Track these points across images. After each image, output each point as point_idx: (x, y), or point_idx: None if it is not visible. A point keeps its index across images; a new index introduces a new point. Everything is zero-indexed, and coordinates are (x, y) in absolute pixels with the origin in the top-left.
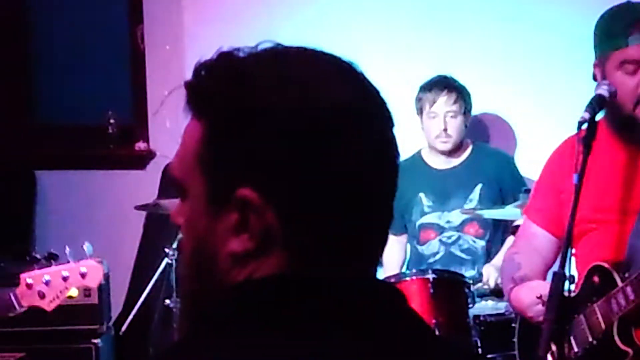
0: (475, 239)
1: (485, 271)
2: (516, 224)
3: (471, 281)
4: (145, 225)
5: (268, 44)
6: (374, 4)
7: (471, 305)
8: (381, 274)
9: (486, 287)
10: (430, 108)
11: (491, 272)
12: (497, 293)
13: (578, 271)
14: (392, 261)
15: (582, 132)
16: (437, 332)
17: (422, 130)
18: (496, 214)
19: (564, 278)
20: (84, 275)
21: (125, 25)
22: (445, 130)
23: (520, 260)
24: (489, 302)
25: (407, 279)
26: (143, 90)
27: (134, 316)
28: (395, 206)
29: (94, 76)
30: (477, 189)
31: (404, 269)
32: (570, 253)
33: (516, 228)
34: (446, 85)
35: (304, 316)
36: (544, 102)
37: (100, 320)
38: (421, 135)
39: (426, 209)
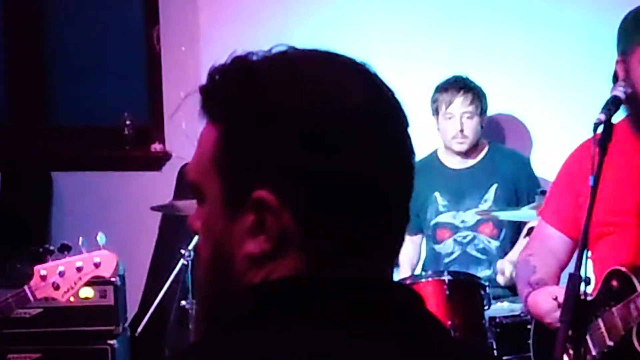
0: (490, 239)
1: (499, 265)
2: (531, 225)
3: (487, 282)
4: (160, 227)
5: (282, 47)
6: (390, 5)
7: (487, 307)
8: (397, 274)
9: (501, 278)
10: (447, 109)
11: (506, 265)
12: (511, 288)
13: (595, 275)
14: (407, 261)
15: (598, 134)
16: (452, 334)
17: (438, 131)
18: (511, 215)
19: (579, 280)
20: (97, 265)
21: (141, 27)
22: (461, 131)
23: (535, 263)
24: (505, 303)
25: (423, 280)
26: (159, 92)
27: (149, 317)
28: (410, 206)
29: (109, 78)
30: (492, 189)
31: (420, 268)
32: (586, 255)
33: (531, 229)
34: (462, 86)
35: (320, 317)
36: (559, 103)
37: (116, 321)
38: (437, 135)
39: (441, 209)
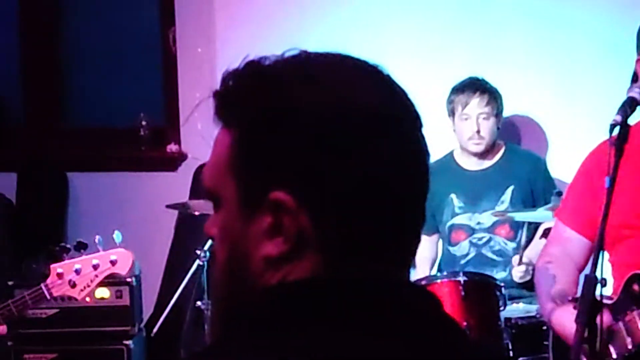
0: (507, 241)
1: (514, 259)
2: (546, 226)
3: (502, 284)
4: (176, 227)
5: (294, 51)
6: (405, 6)
7: (502, 308)
8: (413, 274)
9: (518, 273)
10: (463, 110)
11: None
12: (528, 286)
13: (614, 278)
14: (423, 261)
15: (614, 135)
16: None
17: (454, 132)
18: (527, 216)
19: (595, 281)
20: (114, 262)
21: (157, 28)
22: (478, 132)
23: (555, 272)
24: (520, 304)
25: (438, 281)
26: (175, 93)
27: (165, 317)
28: (427, 206)
29: (125, 78)
30: (508, 191)
31: (436, 269)
32: (602, 256)
33: (547, 230)
34: (478, 87)
35: (337, 319)
36: (575, 104)
37: (131, 321)
38: (453, 136)
39: (457, 210)
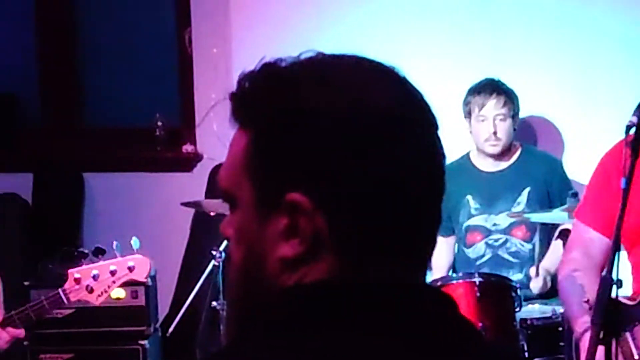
0: (523, 242)
1: (532, 270)
2: (563, 227)
3: (518, 285)
4: (192, 227)
5: (310, 53)
6: (421, 7)
7: (518, 309)
8: (429, 277)
9: (535, 285)
10: (480, 111)
11: (540, 272)
12: (544, 296)
13: (634, 278)
14: (439, 263)
15: (630, 136)
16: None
17: (470, 134)
18: (543, 217)
19: (611, 282)
20: (131, 269)
21: (173, 29)
22: (495, 133)
23: (582, 281)
24: (536, 305)
25: (454, 282)
26: (190, 93)
27: (180, 318)
28: (443, 208)
29: (141, 79)
30: (525, 192)
31: (451, 271)
32: (618, 257)
33: (563, 231)
34: (495, 89)
35: (354, 321)
36: (591, 105)
37: (147, 321)
38: (469, 138)
39: (473, 212)
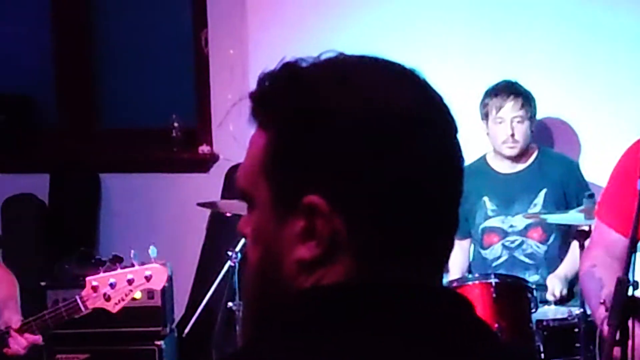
0: (539, 244)
1: (549, 283)
2: (580, 228)
3: (534, 286)
4: (208, 228)
5: (330, 53)
6: (438, 9)
7: (534, 310)
8: (445, 278)
9: (551, 297)
10: (497, 113)
11: (556, 284)
12: (561, 303)
13: None
14: (455, 265)
15: None
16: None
17: (487, 136)
18: (559, 218)
19: (627, 283)
20: (148, 278)
21: (190, 30)
22: (512, 135)
23: (602, 275)
24: (552, 307)
25: (470, 283)
26: (207, 94)
27: (196, 318)
28: (459, 210)
29: (158, 80)
30: (541, 194)
31: (467, 272)
32: (634, 258)
33: (580, 233)
34: (513, 91)
35: (370, 323)
36: (608, 106)
37: (163, 322)
38: (485, 139)
39: (490, 213)
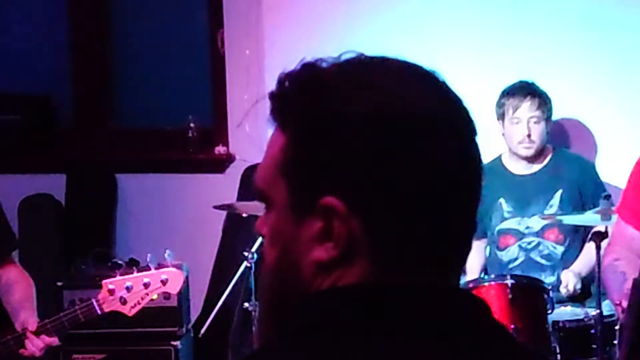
0: (555, 245)
1: (563, 277)
2: (596, 230)
3: (550, 287)
4: (224, 229)
5: (351, 54)
6: (454, 9)
7: (550, 311)
8: (462, 280)
9: (564, 290)
10: (514, 114)
11: (570, 278)
12: (575, 299)
13: None
14: (471, 265)
15: None
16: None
17: (503, 136)
18: (576, 219)
19: None
20: (164, 282)
21: (206, 30)
22: (529, 136)
23: (624, 268)
24: (568, 308)
25: (486, 284)
26: (223, 95)
27: (212, 319)
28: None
29: (174, 80)
30: (557, 195)
31: (483, 274)
32: None
33: (596, 234)
34: (529, 91)
35: (387, 324)
36: (625, 107)
37: (179, 322)
38: (501, 140)
39: (506, 215)
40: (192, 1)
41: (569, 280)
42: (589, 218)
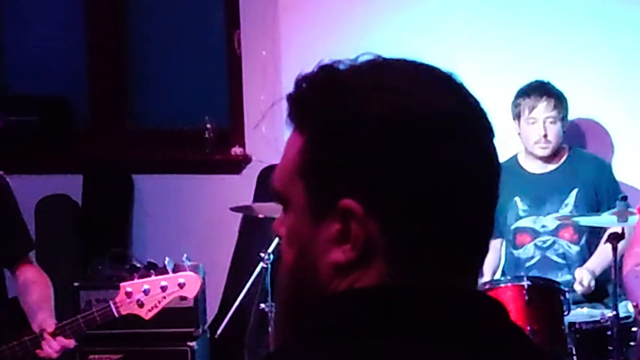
0: (570, 244)
1: (577, 274)
2: (612, 230)
3: (567, 288)
4: (240, 230)
5: (368, 56)
6: (469, 9)
7: (566, 313)
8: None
9: (579, 288)
10: (530, 114)
11: (584, 275)
12: (590, 298)
13: None
14: (486, 265)
15: None
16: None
17: (519, 136)
18: (592, 221)
19: None
20: (182, 285)
21: (222, 31)
22: (545, 136)
23: None
24: (585, 309)
25: (502, 285)
26: (239, 96)
27: (229, 319)
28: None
29: (190, 81)
30: (572, 194)
31: (499, 273)
32: None
33: (613, 235)
34: (545, 91)
35: (405, 326)
36: None
37: (195, 323)
38: (516, 139)
39: (521, 213)
40: (208, 2)
41: (584, 277)
42: (606, 219)
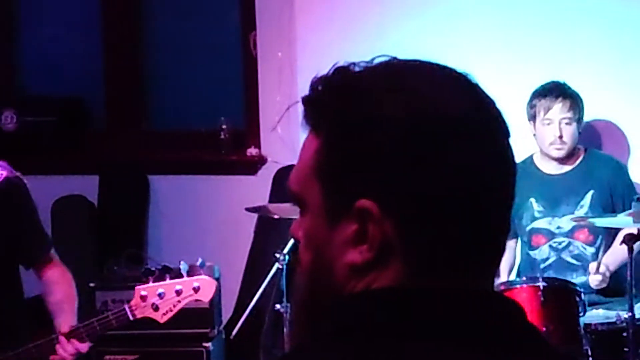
0: (585, 246)
1: (591, 266)
2: (626, 232)
3: (582, 289)
4: (255, 230)
5: (383, 58)
6: (485, 11)
7: (582, 314)
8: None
9: (594, 280)
10: (545, 115)
11: (600, 267)
12: (605, 293)
13: None
14: (503, 266)
15: None
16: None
17: (534, 137)
18: (607, 222)
19: None
20: (197, 289)
21: (238, 32)
22: (560, 137)
23: None
24: (600, 310)
25: (517, 286)
26: (255, 97)
27: (244, 320)
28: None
29: (206, 82)
30: (588, 195)
31: (515, 274)
32: None
33: (627, 236)
34: (561, 92)
35: (421, 327)
36: None
37: (211, 324)
38: (532, 140)
39: (537, 214)
40: (224, 3)
41: (599, 267)
42: (621, 220)
